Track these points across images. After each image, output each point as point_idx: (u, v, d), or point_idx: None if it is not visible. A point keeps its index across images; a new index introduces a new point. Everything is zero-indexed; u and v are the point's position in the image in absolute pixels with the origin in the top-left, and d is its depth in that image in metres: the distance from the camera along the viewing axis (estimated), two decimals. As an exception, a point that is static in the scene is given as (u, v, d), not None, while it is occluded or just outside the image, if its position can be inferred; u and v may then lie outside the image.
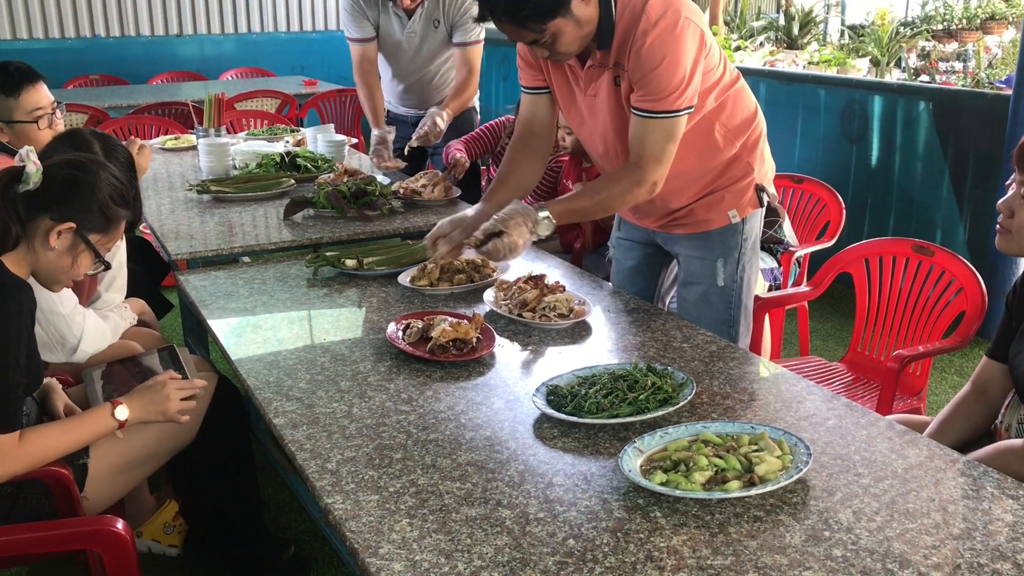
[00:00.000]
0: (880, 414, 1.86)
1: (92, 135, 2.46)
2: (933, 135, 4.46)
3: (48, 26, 8.03)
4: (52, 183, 1.86)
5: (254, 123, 5.45)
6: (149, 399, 2.02)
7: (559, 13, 2.06)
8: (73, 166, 1.91)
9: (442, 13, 3.71)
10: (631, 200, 2.29)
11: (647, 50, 2.11)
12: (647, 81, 2.14)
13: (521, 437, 1.69)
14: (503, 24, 2.11)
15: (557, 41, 2.12)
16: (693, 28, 2.14)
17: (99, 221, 1.92)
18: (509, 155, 2.53)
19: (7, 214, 1.82)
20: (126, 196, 1.97)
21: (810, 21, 13.64)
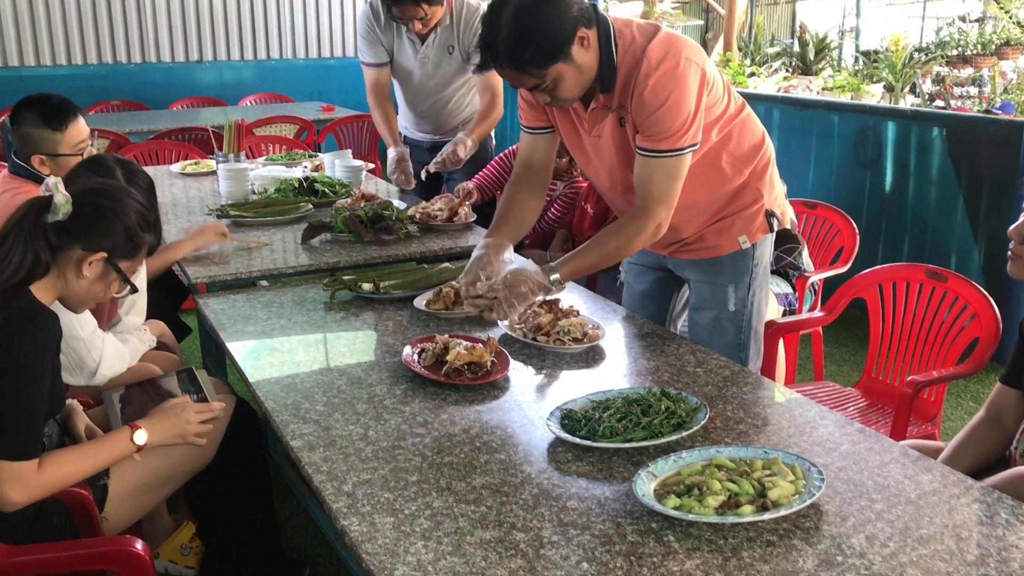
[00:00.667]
0: (894, 439, 1.87)
1: (115, 161, 2.50)
2: (947, 161, 4.47)
3: (71, 53, 8.16)
4: (80, 213, 1.90)
5: (273, 148, 5.51)
6: (168, 422, 2.05)
7: (560, 58, 2.09)
8: (99, 195, 1.95)
9: (456, 39, 3.75)
10: (638, 244, 2.29)
11: (649, 93, 2.14)
12: (651, 122, 2.16)
13: (535, 461, 1.70)
14: (504, 70, 2.14)
15: (558, 86, 2.15)
16: (694, 68, 2.16)
17: (127, 248, 1.96)
18: (509, 193, 2.54)
19: (37, 244, 1.85)
20: (150, 221, 2.01)
21: (824, 47, 13.69)
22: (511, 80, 2.19)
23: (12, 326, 1.79)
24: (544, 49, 2.07)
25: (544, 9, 2.05)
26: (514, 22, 2.05)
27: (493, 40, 2.09)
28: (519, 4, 2.05)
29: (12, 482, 1.77)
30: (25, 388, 1.78)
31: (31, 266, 1.84)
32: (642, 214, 2.24)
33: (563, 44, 2.08)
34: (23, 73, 7.99)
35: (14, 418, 1.77)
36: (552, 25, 2.05)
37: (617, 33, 2.18)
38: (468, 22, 3.72)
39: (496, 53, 2.10)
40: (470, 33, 3.71)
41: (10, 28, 7.86)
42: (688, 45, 2.20)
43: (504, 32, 2.06)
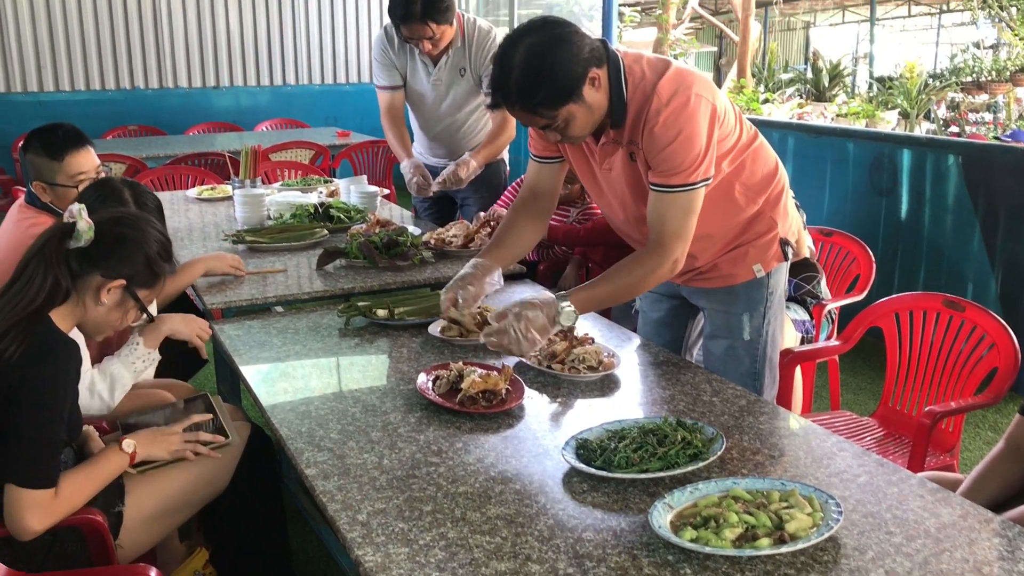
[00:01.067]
0: (912, 471, 1.85)
1: (122, 183, 2.52)
2: (963, 189, 4.46)
3: (90, 78, 8.26)
4: (103, 240, 1.92)
5: (288, 174, 5.54)
6: (153, 434, 2.10)
7: (571, 100, 2.09)
8: (122, 223, 1.97)
9: (468, 62, 3.77)
10: (654, 280, 2.27)
11: (660, 129, 2.13)
12: (663, 158, 2.16)
13: (551, 491, 1.69)
14: (516, 111, 2.15)
15: (569, 126, 2.15)
16: (705, 103, 2.16)
17: (146, 277, 1.98)
18: (511, 216, 2.55)
19: (58, 270, 1.87)
20: (170, 251, 2.03)
21: (838, 73, 13.73)
22: (522, 120, 2.19)
23: (34, 355, 1.80)
24: (556, 91, 2.07)
25: (556, 51, 2.05)
26: (526, 64, 2.05)
27: (505, 81, 2.09)
28: (531, 45, 2.05)
29: (33, 510, 1.77)
30: (47, 417, 1.79)
31: (51, 291, 1.86)
32: (658, 249, 2.22)
33: (575, 85, 2.08)
34: (42, 99, 8.08)
35: (35, 447, 1.78)
36: (564, 67, 2.05)
37: (627, 69, 2.19)
38: (480, 45, 3.74)
39: (508, 94, 2.10)
40: (481, 55, 3.73)
41: (30, 54, 7.97)
42: (699, 80, 2.20)
43: (516, 74, 2.06)
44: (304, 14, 9.00)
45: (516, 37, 2.09)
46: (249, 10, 8.74)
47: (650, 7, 16.83)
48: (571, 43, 2.07)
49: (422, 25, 3.53)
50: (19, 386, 1.78)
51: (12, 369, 1.78)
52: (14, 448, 1.78)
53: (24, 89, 8.03)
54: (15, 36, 7.86)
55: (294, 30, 9.00)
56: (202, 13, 8.55)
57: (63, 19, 8.01)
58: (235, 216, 3.84)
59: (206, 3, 8.55)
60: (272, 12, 8.85)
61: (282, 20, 8.91)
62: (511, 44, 2.08)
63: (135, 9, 8.26)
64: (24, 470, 1.78)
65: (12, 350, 1.79)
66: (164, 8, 8.38)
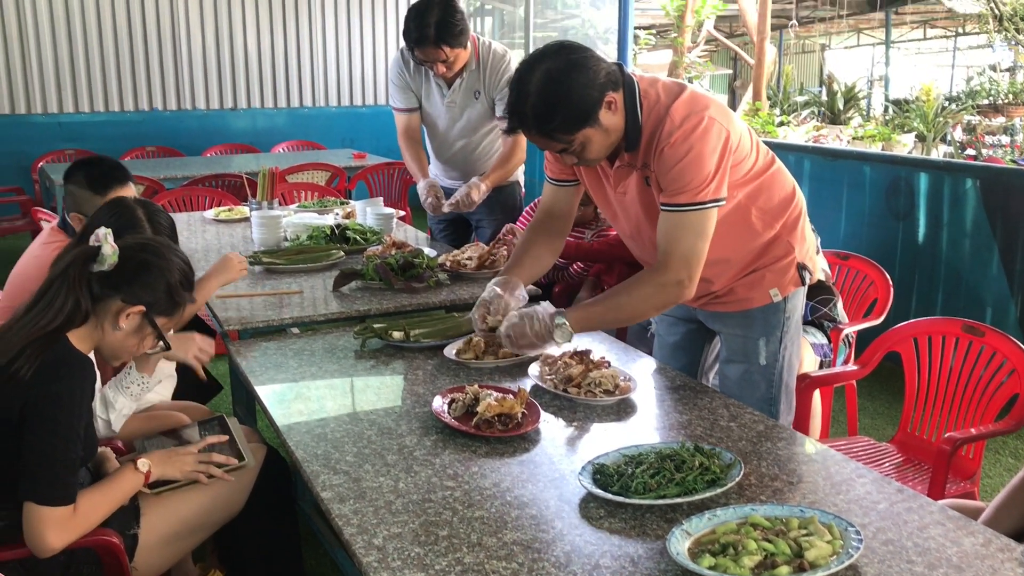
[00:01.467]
0: (932, 498, 1.83)
1: (136, 203, 2.52)
2: (981, 213, 4.43)
3: (108, 99, 8.35)
4: (126, 265, 1.93)
5: (305, 195, 5.57)
6: (167, 454, 2.10)
7: (588, 124, 2.10)
8: (146, 250, 1.98)
9: (482, 85, 3.79)
10: (659, 303, 2.24)
11: (670, 149, 2.14)
12: (671, 177, 2.15)
13: (567, 516, 1.68)
14: (532, 136, 2.16)
15: (586, 149, 2.16)
16: (718, 127, 2.16)
17: (167, 305, 1.98)
18: (527, 236, 2.57)
19: (79, 292, 1.89)
20: (192, 281, 2.04)
21: (853, 96, 13.73)
22: (539, 144, 2.20)
23: (50, 372, 1.81)
24: (572, 116, 2.08)
25: (572, 76, 2.06)
26: (542, 89, 2.06)
27: (521, 107, 2.10)
28: (547, 71, 2.06)
29: (52, 527, 1.78)
30: (62, 434, 1.80)
31: (70, 312, 1.87)
32: (661, 269, 2.20)
33: (591, 110, 2.09)
34: (61, 120, 8.17)
35: (54, 465, 1.79)
36: (580, 92, 2.06)
37: (643, 93, 2.19)
38: (494, 68, 3.76)
39: (524, 119, 2.11)
40: (496, 78, 3.75)
41: (50, 76, 8.06)
42: (713, 104, 2.20)
43: (532, 99, 2.07)
44: (321, 37, 9.08)
45: (532, 62, 2.10)
46: (267, 33, 8.82)
47: (665, 30, 16.90)
48: (587, 68, 2.07)
49: (436, 49, 3.55)
50: (34, 404, 1.78)
51: (26, 387, 1.79)
52: (31, 466, 1.79)
53: (44, 110, 8.12)
54: (36, 58, 7.96)
55: (311, 52, 9.08)
56: (220, 35, 8.63)
57: (83, 41, 8.10)
58: (252, 237, 3.86)
59: (224, 25, 8.64)
60: (289, 35, 8.93)
61: (299, 43, 8.99)
62: (528, 70, 2.09)
63: (154, 31, 8.35)
64: (42, 488, 1.78)
65: (26, 368, 1.80)
66: (183, 30, 8.47)
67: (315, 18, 9.00)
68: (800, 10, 17.04)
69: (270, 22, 8.82)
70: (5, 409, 1.80)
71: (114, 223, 2.37)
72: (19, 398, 1.79)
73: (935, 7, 17.53)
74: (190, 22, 8.49)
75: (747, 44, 14.00)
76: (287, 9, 8.87)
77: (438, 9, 3.50)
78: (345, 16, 9.15)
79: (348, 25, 9.19)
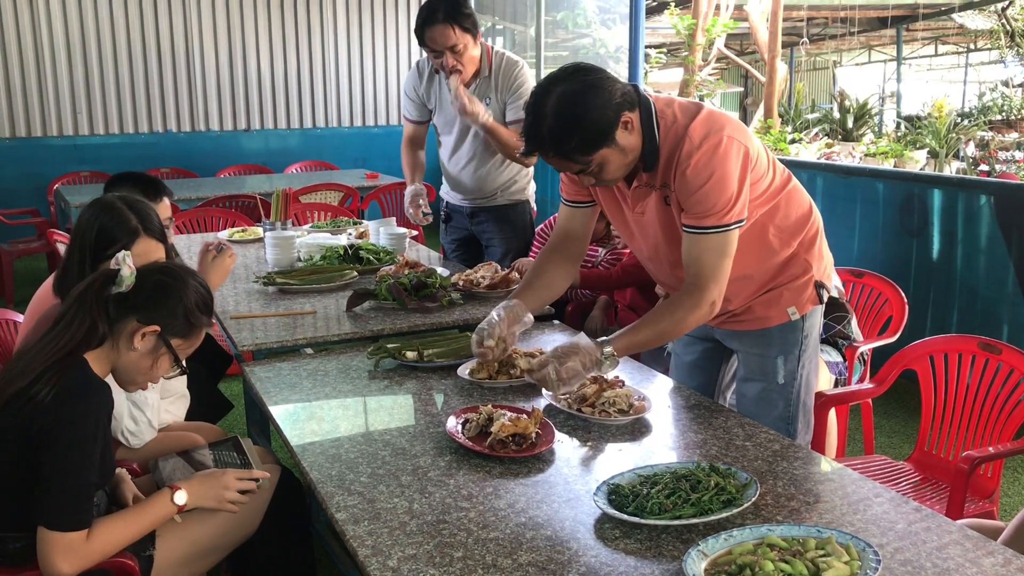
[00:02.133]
0: (950, 518, 1.81)
1: (116, 197, 2.49)
2: (996, 229, 4.41)
3: (123, 122, 8.41)
4: (143, 286, 1.95)
5: (318, 216, 5.59)
6: (208, 484, 2.06)
7: (605, 144, 2.10)
8: (164, 272, 1.99)
9: (494, 91, 3.80)
10: (692, 323, 2.25)
11: (692, 171, 2.14)
12: (695, 200, 2.16)
13: (582, 537, 1.67)
14: (550, 158, 2.16)
15: (603, 170, 2.16)
16: (737, 146, 2.16)
17: (182, 327, 1.99)
18: (541, 259, 2.56)
19: (97, 313, 1.90)
20: (210, 304, 2.04)
21: (865, 113, 13.72)
22: (556, 166, 2.20)
23: (65, 397, 1.81)
24: (589, 137, 2.08)
25: (588, 97, 2.06)
26: (559, 111, 2.06)
27: (538, 129, 2.10)
28: (563, 93, 2.07)
29: (63, 553, 1.78)
30: (78, 459, 1.80)
31: (87, 333, 1.89)
32: (695, 291, 2.21)
33: (608, 130, 2.09)
34: (77, 142, 8.24)
35: (67, 490, 1.79)
36: (597, 113, 2.07)
37: (659, 113, 2.19)
38: (507, 73, 3.77)
39: (541, 142, 2.12)
40: (508, 83, 3.76)
41: (66, 99, 8.14)
42: (731, 123, 2.20)
43: (549, 121, 2.07)
44: (334, 58, 9.14)
45: (548, 86, 2.11)
46: (280, 55, 8.89)
47: (676, 48, 16.95)
48: (603, 88, 2.08)
49: (444, 27, 3.55)
50: (51, 428, 1.79)
51: (45, 411, 1.80)
52: (45, 490, 1.79)
53: (60, 133, 8.19)
54: (52, 82, 8.04)
55: (324, 74, 9.14)
56: (234, 58, 8.70)
57: (98, 65, 8.18)
58: (265, 258, 3.87)
59: (238, 48, 8.71)
60: (302, 57, 8.99)
61: (312, 64, 9.05)
62: (543, 93, 2.10)
63: (168, 54, 8.42)
64: (55, 512, 1.79)
65: (45, 392, 1.81)
66: (197, 53, 8.54)
67: (327, 40, 9.07)
68: (811, 27, 17.08)
69: (283, 44, 8.88)
70: (24, 431, 1.81)
71: (98, 220, 2.39)
72: (37, 421, 1.79)
73: (946, 23, 17.54)
74: (204, 45, 8.56)
75: (758, 62, 14.02)
76: (300, 31, 8.94)
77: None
78: (357, 38, 9.22)
79: (360, 46, 9.25)
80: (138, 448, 2.50)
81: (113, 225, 2.38)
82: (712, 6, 9.99)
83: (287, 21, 8.87)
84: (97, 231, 2.37)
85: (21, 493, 1.83)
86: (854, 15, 14.74)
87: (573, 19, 9.39)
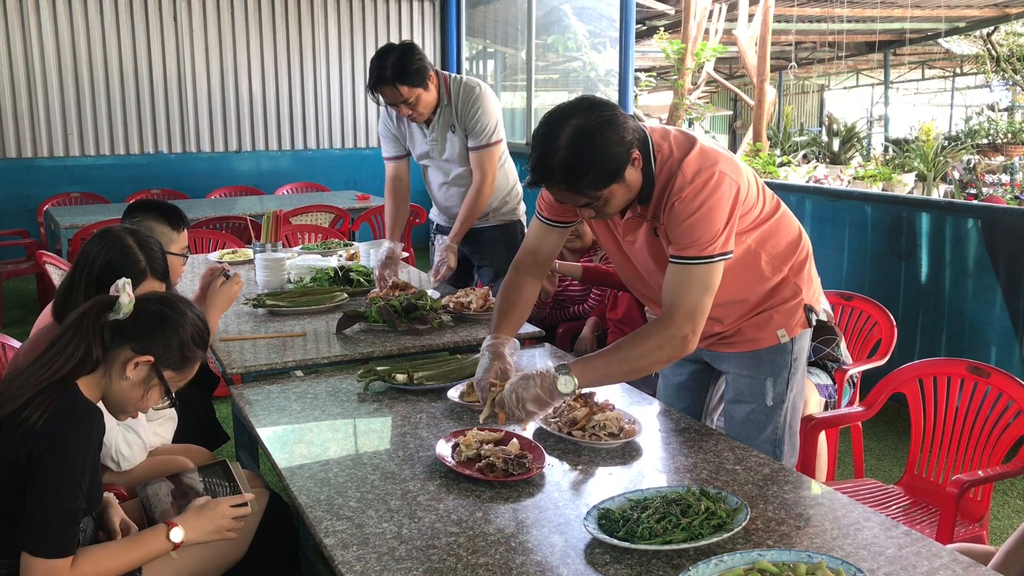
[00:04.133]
0: (941, 542, 1.81)
1: (125, 231, 2.50)
2: (983, 252, 4.44)
3: (114, 143, 8.41)
4: (140, 316, 1.93)
5: (308, 237, 5.59)
6: (206, 518, 2.04)
7: (615, 180, 2.10)
8: (163, 303, 1.98)
9: (456, 117, 3.84)
10: (663, 357, 2.18)
11: (681, 204, 2.13)
12: (681, 232, 2.14)
13: (572, 563, 1.67)
14: (559, 191, 2.14)
15: (608, 204, 2.16)
16: (729, 181, 2.16)
17: (176, 359, 1.97)
18: (511, 280, 2.52)
19: (92, 339, 1.89)
20: (205, 339, 2.03)
21: (853, 136, 13.81)
22: (560, 198, 2.19)
23: (59, 422, 1.80)
24: (603, 173, 2.07)
25: (604, 134, 2.05)
26: (573, 146, 2.04)
27: (549, 160, 2.06)
28: (579, 127, 2.04)
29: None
30: (66, 486, 1.78)
31: (81, 359, 1.87)
32: (667, 323, 2.15)
33: (621, 168, 2.09)
34: (67, 163, 8.23)
35: (52, 516, 1.77)
36: (611, 150, 2.06)
37: (656, 147, 2.19)
38: (465, 99, 3.82)
39: (551, 174, 2.08)
40: (466, 108, 3.81)
41: (57, 120, 8.13)
42: (723, 158, 2.20)
43: (562, 154, 2.04)
44: (325, 80, 9.16)
45: (562, 117, 2.07)
46: (272, 77, 8.91)
47: (665, 72, 17.06)
48: (617, 125, 2.07)
49: (393, 88, 3.62)
50: (40, 453, 1.77)
51: (36, 437, 1.78)
52: (30, 516, 1.77)
53: (50, 154, 8.17)
54: (43, 103, 8.03)
55: (315, 95, 9.16)
56: (225, 79, 8.71)
57: (89, 86, 8.18)
58: (256, 279, 3.87)
59: (229, 70, 8.72)
60: (294, 78, 9.02)
61: (304, 86, 9.07)
62: (557, 125, 2.06)
63: (160, 75, 8.43)
64: (39, 539, 1.77)
65: (36, 417, 1.79)
66: (188, 74, 8.55)
67: (319, 62, 9.10)
68: (799, 51, 17.21)
69: (275, 66, 8.91)
70: (13, 456, 1.79)
71: (107, 254, 2.37)
72: (27, 446, 1.78)
73: (933, 48, 17.71)
74: (196, 67, 8.57)
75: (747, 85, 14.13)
76: (291, 54, 8.97)
77: (396, 52, 3.61)
78: (349, 60, 9.25)
79: (352, 68, 9.29)
80: (127, 471, 2.48)
81: (122, 264, 2.36)
82: (701, 30, 10.05)
83: (279, 44, 8.90)
84: (104, 266, 2.33)
85: (6, 520, 1.81)
86: (842, 39, 14.87)
87: (564, 43, 9.44)
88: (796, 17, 13.20)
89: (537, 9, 8.54)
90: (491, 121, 3.81)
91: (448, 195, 4.06)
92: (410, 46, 3.66)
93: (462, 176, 3.96)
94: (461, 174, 3.96)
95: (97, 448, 1.88)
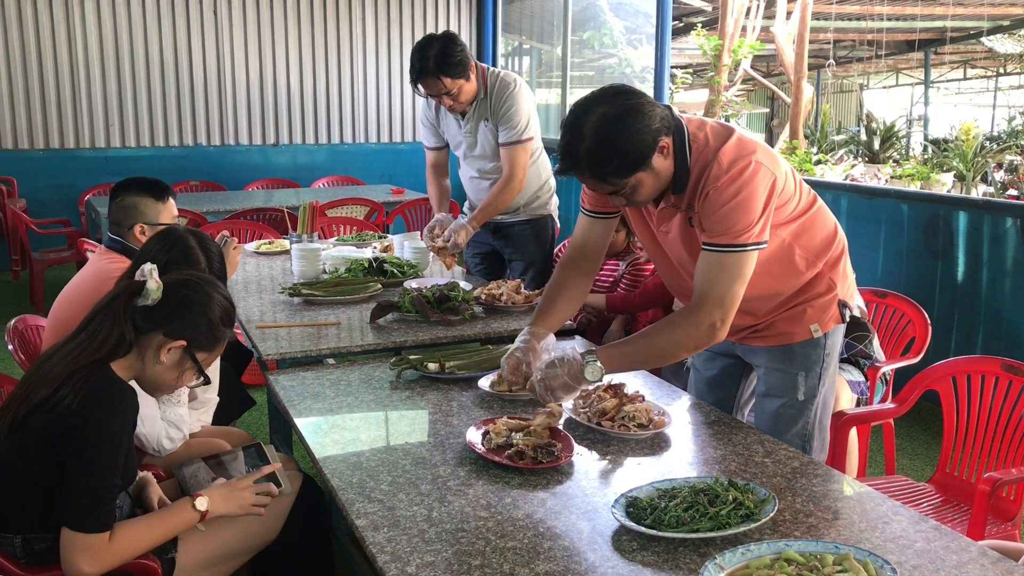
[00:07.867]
0: (971, 539, 1.80)
1: (187, 232, 2.59)
2: (1022, 252, 4.38)
3: (154, 135, 8.53)
4: (168, 301, 1.98)
5: (344, 229, 5.64)
6: (226, 491, 2.10)
7: (641, 168, 2.11)
8: (189, 286, 2.03)
9: (489, 111, 3.87)
10: (691, 345, 2.20)
11: (716, 192, 2.14)
12: (715, 219, 2.15)
13: (600, 549, 1.68)
14: (585, 178, 2.16)
15: (636, 192, 2.16)
16: (765, 171, 2.16)
17: (207, 341, 2.03)
18: (558, 276, 2.55)
19: (124, 324, 1.94)
20: (233, 317, 2.08)
21: (892, 135, 13.64)
22: (588, 185, 2.21)
23: (94, 401, 1.85)
24: (627, 161, 2.09)
25: (629, 121, 2.06)
26: (598, 133, 2.06)
27: (575, 148, 2.09)
28: (604, 115, 2.06)
29: (84, 554, 1.81)
30: (102, 463, 1.83)
31: (114, 344, 1.92)
32: (695, 311, 2.17)
33: (646, 156, 2.09)
34: (108, 154, 8.35)
35: (90, 491, 1.83)
36: (637, 137, 2.06)
37: (691, 137, 2.19)
38: (499, 94, 3.84)
39: (578, 162, 2.10)
40: (499, 103, 3.84)
41: (99, 112, 8.26)
42: (760, 148, 2.20)
43: (587, 142, 2.06)
44: (362, 75, 9.22)
45: (588, 106, 2.09)
46: (309, 71, 8.98)
47: (702, 69, 16.96)
48: (643, 113, 2.08)
49: (436, 80, 3.66)
50: (76, 431, 1.82)
51: (71, 414, 1.83)
52: (69, 492, 1.83)
53: (92, 145, 8.30)
54: (85, 95, 8.16)
55: (352, 90, 9.22)
56: (264, 74, 8.80)
57: (131, 79, 8.29)
58: (292, 269, 3.92)
59: (268, 64, 8.81)
60: (331, 73, 9.08)
61: (340, 81, 9.13)
62: (583, 113, 2.09)
63: (200, 69, 8.54)
64: (77, 514, 1.82)
65: (71, 397, 1.84)
66: (227, 68, 8.64)
67: (356, 57, 9.16)
68: (838, 50, 17.03)
69: (312, 61, 8.98)
70: (50, 435, 1.84)
71: (167, 254, 2.44)
72: (63, 423, 1.83)
73: (975, 47, 17.43)
74: (235, 61, 8.67)
75: (784, 83, 14.01)
76: (329, 48, 9.04)
77: (438, 43, 3.64)
78: (386, 55, 9.30)
79: (389, 64, 9.33)
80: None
81: (182, 264, 2.43)
82: (738, 27, 9.99)
83: (316, 39, 8.97)
84: (164, 266, 2.34)
85: (46, 495, 1.87)
86: (881, 38, 14.69)
87: (600, 39, 9.43)
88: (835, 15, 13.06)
89: (573, 5, 8.53)
90: (523, 118, 3.82)
91: (479, 188, 4.09)
92: (451, 37, 3.68)
93: (493, 171, 3.98)
94: (492, 168, 3.98)
95: (132, 425, 1.93)
